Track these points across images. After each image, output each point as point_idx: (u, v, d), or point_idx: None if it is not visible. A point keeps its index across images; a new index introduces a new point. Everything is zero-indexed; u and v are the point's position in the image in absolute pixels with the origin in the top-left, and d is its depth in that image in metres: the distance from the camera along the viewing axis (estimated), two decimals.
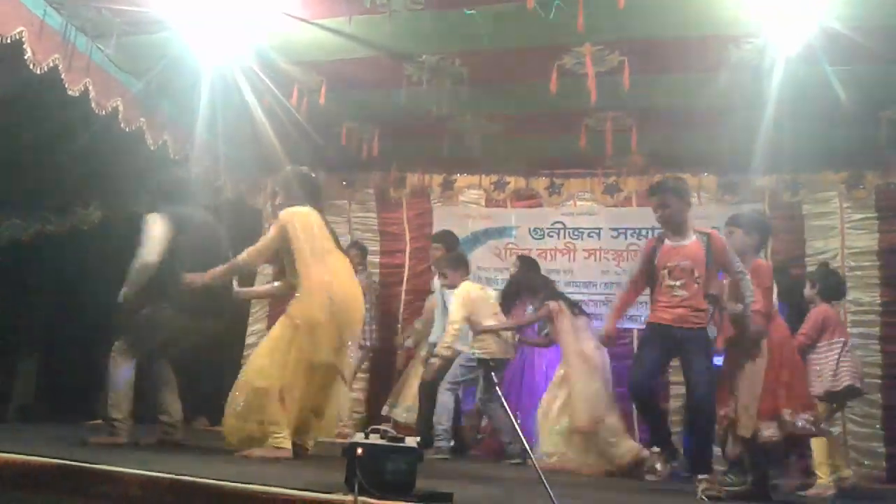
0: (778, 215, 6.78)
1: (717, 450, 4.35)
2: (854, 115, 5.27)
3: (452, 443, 5.69)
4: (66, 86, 4.87)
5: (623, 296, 4.45)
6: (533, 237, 7.25)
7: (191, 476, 2.59)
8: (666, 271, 4.11)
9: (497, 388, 3.49)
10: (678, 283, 4.06)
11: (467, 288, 5.74)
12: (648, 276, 4.25)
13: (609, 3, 4.19)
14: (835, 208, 6.64)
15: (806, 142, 5.85)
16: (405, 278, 7.56)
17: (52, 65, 4.73)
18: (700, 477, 3.83)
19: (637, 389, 4.10)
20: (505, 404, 4.24)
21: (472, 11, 4.63)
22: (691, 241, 4.16)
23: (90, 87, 5.07)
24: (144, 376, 4.52)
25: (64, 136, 5.52)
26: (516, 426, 3.32)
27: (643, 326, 4.80)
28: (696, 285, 4.04)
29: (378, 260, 7.67)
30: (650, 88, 5.40)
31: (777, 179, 6.78)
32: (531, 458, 2.78)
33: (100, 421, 6.22)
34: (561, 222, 7.30)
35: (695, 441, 4.06)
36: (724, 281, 4.29)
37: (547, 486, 2.44)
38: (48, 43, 4.70)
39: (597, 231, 7.26)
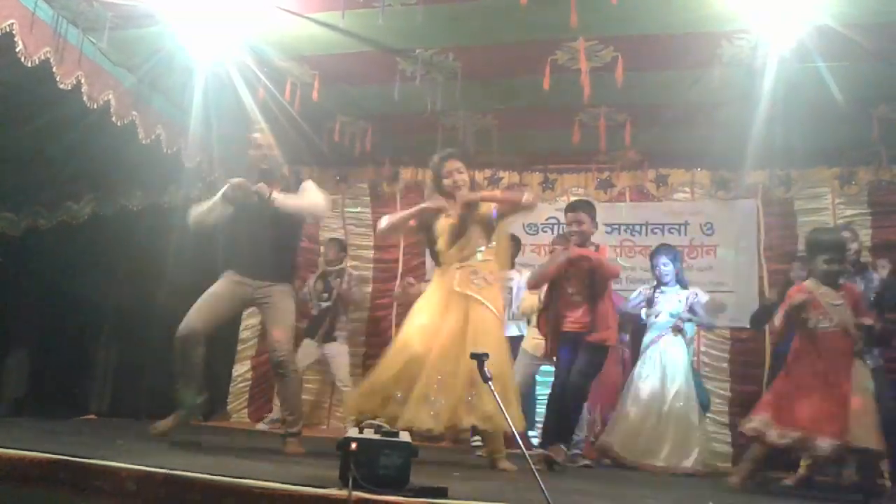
0: (771, 211, 6.82)
1: None
2: (846, 111, 5.29)
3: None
4: (58, 79, 4.85)
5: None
6: (527, 232, 7.25)
7: (185, 471, 2.59)
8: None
9: (490, 383, 3.47)
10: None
11: None
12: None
13: None
14: (827, 204, 6.68)
15: (798, 138, 5.87)
16: (399, 273, 7.55)
17: (43, 58, 4.71)
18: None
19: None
20: (497, 399, 4.24)
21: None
22: None
23: (82, 81, 5.05)
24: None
25: (55, 130, 5.49)
26: (510, 423, 3.32)
27: None
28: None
29: (371, 255, 7.67)
30: (643, 84, 5.41)
31: (770, 175, 6.81)
32: (524, 453, 2.78)
33: (92, 416, 6.24)
34: (555, 217, 7.29)
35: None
36: None
37: (539, 480, 2.45)
38: (39, 36, 4.68)
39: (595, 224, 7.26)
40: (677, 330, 5.65)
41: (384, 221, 4.47)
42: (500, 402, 3.08)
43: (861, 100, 5.35)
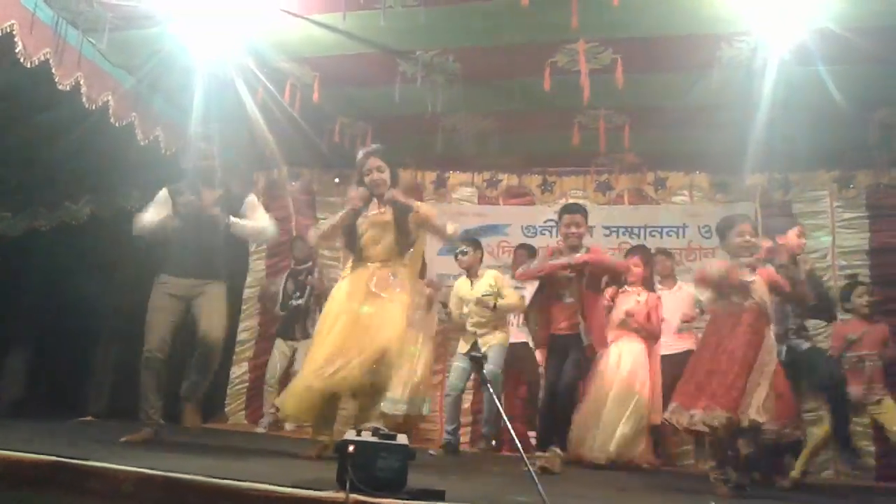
0: (769, 214, 6.81)
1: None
2: (845, 114, 5.29)
3: None
4: (57, 80, 4.85)
5: None
6: (525, 235, 7.24)
7: (183, 473, 2.58)
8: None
9: (489, 385, 3.49)
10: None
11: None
12: None
13: (603, 0, 4.20)
14: (826, 207, 6.69)
15: (797, 141, 5.88)
16: None
17: (43, 59, 4.70)
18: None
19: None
20: (496, 401, 4.27)
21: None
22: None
23: (81, 82, 5.04)
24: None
25: (54, 130, 5.49)
26: (507, 423, 3.33)
27: None
28: None
29: None
30: (643, 86, 5.40)
31: (769, 178, 6.81)
32: (522, 455, 2.78)
33: (90, 417, 6.23)
34: (553, 220, 7.28)
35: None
36: None
37: (537, 481, 2.45)
38: (39, 36, 4.67)
39: (589, 229, 7.25)
40: (642, 328, 5.69)
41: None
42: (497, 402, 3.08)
43: (860, 103, 5.35)
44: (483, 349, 5.62)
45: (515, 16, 4.59)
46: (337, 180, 7.61)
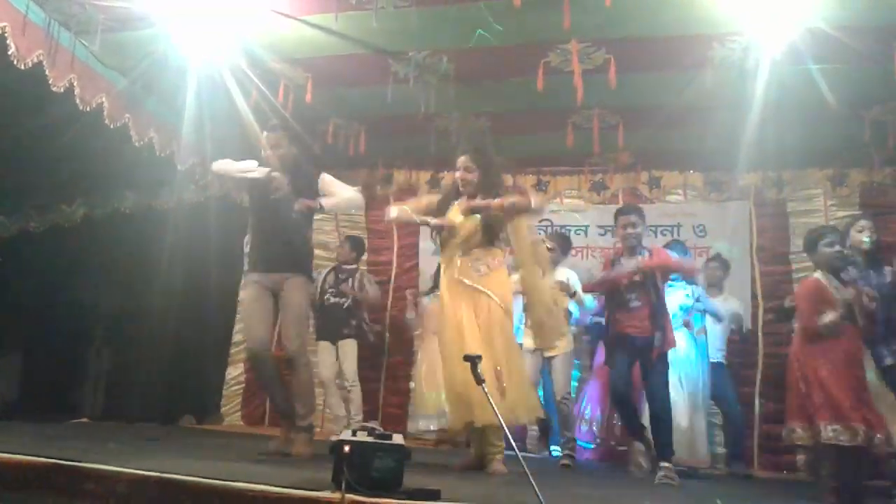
0: (763, 212, 6.84)
1: None
2: (838, 113, 5.31)
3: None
4: (51, 82, 4.84)
5: None
6: None
7: (178, 474, 2.58)
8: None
9: (483, 386, 3.48)
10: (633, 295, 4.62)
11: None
12: None
13: (596, 0, 4.21)
14: (819, 206, 6.70)
15: (791, 140, 5.90)
16: (393, 276, 7.56)
17: (35, 61, 4.69)
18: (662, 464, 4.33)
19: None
20: (492, 403, 4.25)
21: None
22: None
23: (75, 84, 5.03)
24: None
25: (48, 132, 5.48)
26: (502, 423, 3.34)
27: None
28: None
29: (365, 257, 7.65)
30: (636, 86, 5.42)
31: (762, 177, 6.83)
32: (517, 453, 2.78)
33: (85, 419, 6.23)
34: (548, 220, 7.30)
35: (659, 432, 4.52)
36: None
37: (532, 481, 2.45)
38: (32, 38, 4.66)
39: (583, 229, 7.29)
40: (687, 325, 5.58)
41: (394, 212, 4.50)
42: (489, 398, 3.08)
43: (853, 102, 5.38)
44: (547, 354, 5.34)
45: (508, 16, 4.59)
46: (323, 173, 7.58)
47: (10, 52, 4.48)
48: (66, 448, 3.33)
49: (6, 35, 4.43)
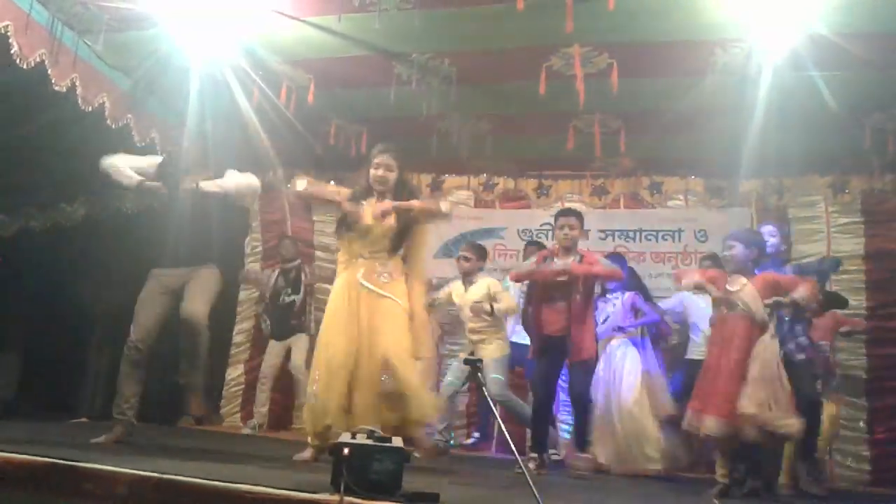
0: (764, 218, 6.82)
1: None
2: (840, 119, 5.32)
3: None
4: (53, 81, 4.85)
5: None
6: (521, 238, 7.25)
7: (177, 475, 2.58)
8: None
9: (484, 389, 3.49)
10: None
11: None
12: None
13: (598, 4, 4.21)
14: (821, 212, 6.69)
15: (792, 146, 5.90)
16: None
17: (38, 60, 4.70)
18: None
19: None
20: (493, 407, 4.27)
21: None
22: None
23: (77, 83, 5.04)
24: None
25: (50, 131, 5.48)
26: (502, 425, 3.34)
27: None
28: None
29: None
30: (638, 91, 5.43)
31: (764, 183, 6.82)
32: (518, 459, 2.78)
33: (84, 419, 6.21)
34: (549, 224, 7.28)
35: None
36: None
37: (532, 486, 2.45)
38: (35, 38, 4.67)
39: (585, 233, 7.26)
40: (620, 329, 5.69)
41: (301, 185, 4.45)
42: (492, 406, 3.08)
43: (854, 108, 5.38)
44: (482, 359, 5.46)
45: (511, 19, 4.60)
46: (332, 182, 7.60)
47: (12, 51, 4.49)
48: (65, 447, 3.32)
49: (9, 34, 4.44)
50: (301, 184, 4.45)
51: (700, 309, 5.68)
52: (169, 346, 4.56)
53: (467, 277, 5.79)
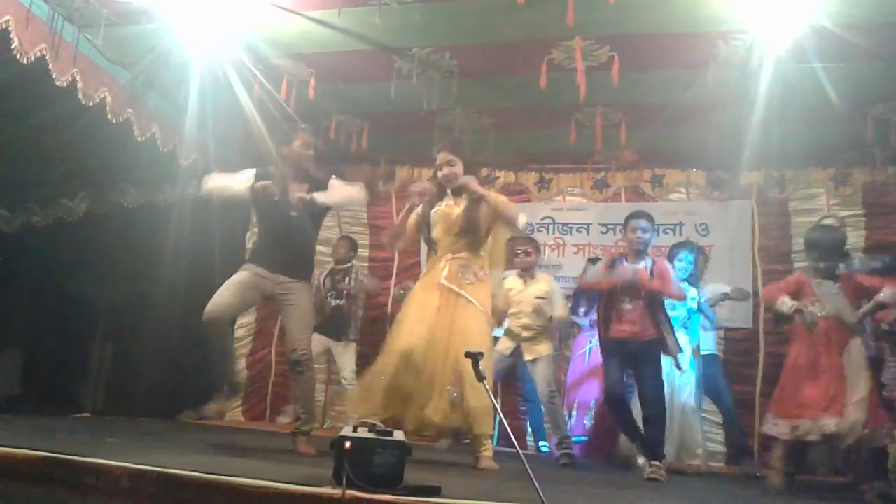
0: (765, 211, 6.82)
1: None
2: (842, 112, 5.30)
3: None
4: (54, 76, 4.85)
5: None
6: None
7: (179, 469, 2.58)
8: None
9: (484, 382, 3.49)
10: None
11: None
12: None
13: None
14: (822, 205, 6.68)
15: (793, 138, 5.90)
16: (394, 273, 7.55)
17: (38, 55, 4.70)
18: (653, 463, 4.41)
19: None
20: (493, 400, 4.26)
21: None
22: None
23: (77, 78, 5.04)
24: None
25: (51, 127, 5.48)
26: (503, 420, 3.35)
27: None
28: None
29: (367, 254, 7.66)
30: (639, 84, 5.42)
31: (765, 175, 6.81)
32: (518, 451, 2.78)
33: (87, 414, 6.23)
34: (550, 217, 7.31)
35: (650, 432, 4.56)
36: None
37: (533, 479, 2.45)
38: (35, 33, 4.67)
39: (586, 226, 7.28)
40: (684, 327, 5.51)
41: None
42: (493, 399, 3.08)
43: (856, 100, 5.37)
44: (527, 357, 5.36)
45: (511, 13, 4.59)
46: (333, 177, 7.59)
47: (13, 46, 4.49)
48: (68, 442, 3.33)
49: (9, 29, 4.44)
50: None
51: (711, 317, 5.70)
52: (174, 340, 4.55)
53: (526, 272, 5.58)
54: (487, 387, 3.12)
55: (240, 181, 4.32)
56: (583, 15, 4.46)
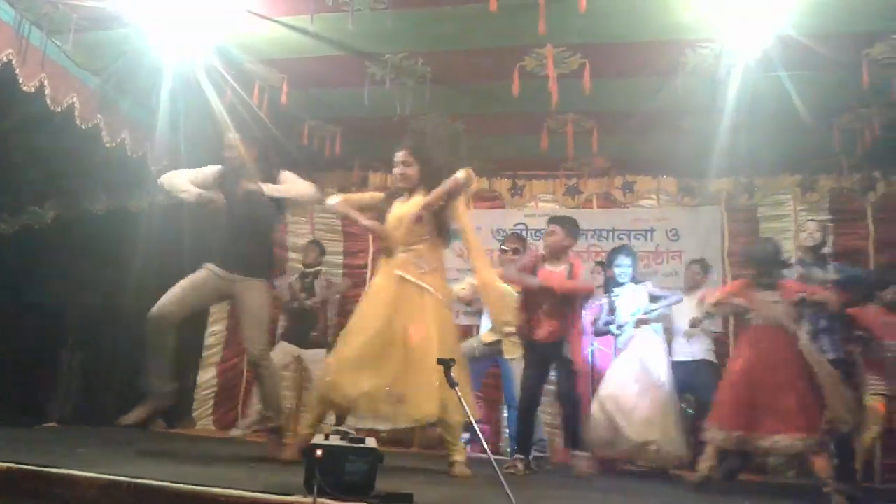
0: (735, 217, 6.92)
1: None
2: (808, 120, 5.38)
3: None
4: (21, 81, 4.78)
5: None
6: (495, 238, 7.27)
7: (149, 479, 2.56)
8: None
9: (456, 390, 3.50)
10: None
11: None
12: None
13: (571, 5, 4.24)
14: (789, 211, 6.81)
15: (762, 146, 5.99)
16: (368, 279, 7.53)
17: (5, 60, 4.64)
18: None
19: None
20: (464, 403, 4.26)
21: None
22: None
23: (46, 83, 4.98)
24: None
25: (18, 132, 5.40)
26: (476, 425, 3.35)
27: None
28: None
29: (341, 261, 7.64)
30: (610, 91, 5.46)
31: (734, 182, 6.92)
32: (490, 456, 2.79)
33: (54, 423, 6.14)
34: (523, 223, 7.35)
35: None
36: None
37: (506, 485, 2.46)
38: (1, 37, 4.61)
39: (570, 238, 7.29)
40: (643, 322, 5.63)
41: (333, 200, 4.42)
42: (460, 397, 3.09)
43: (823, 109, 5.46)
44: (507, 355, 5.46)
45: (484, 20, 4.61)
46: (283, 172, 7.55)
47: None
48: (35, 453, 3.28)
49: None
50: (333, 199, 4.43)
51: (682, 311, 5.73)
52: (144, 349, 4.49)
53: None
54: (459, 394, 3.12)
55: (198, 180, 4.38)
56: (554, 23, 4.49)
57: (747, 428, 4.18)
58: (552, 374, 5.14)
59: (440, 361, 3.14)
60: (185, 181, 4.38)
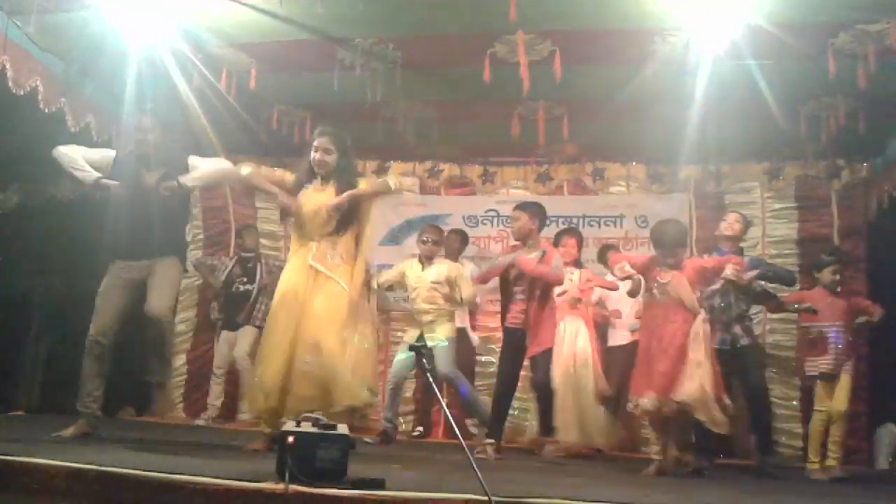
0: (703, 204, 6.99)
1: None
2: (775, 108, 5.45)
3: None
4: None
5: None
6: (467, 224, 7.28)
7: (118, 467, 2.54)
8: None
9: (429, 375, 3.50)
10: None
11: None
12: None
13: None
14: (756, 198, 6.90)
15: (729, 134, 6.05)
16: None
17: None
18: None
19: None
20: (438, 393, 4.28)
21: None
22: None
23: (7, 66, 4.86)
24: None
25: None
26: (447, 411, 3.36)
27: None
28: None
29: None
30: (580, 78, 5.47)
31: (702, 170, 6.99)
32: (461, 442, 2.80)
33: (20, 412, 6.06)
34: (494, 210, 7.36)
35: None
36: None
37: (477, 470, 2.48)
38: None
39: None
40: (576, 301, 5.70)
41: (246, 170, 4.39)
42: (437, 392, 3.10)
43: (789, 97, 5.52)
44: (430, 344, 5.46)
45: (455, 5, 4.60)
46: (277, 169, 7.50)
47: None
48: (1, 442, 3.24)
49: None
50: (245, 169, 4.39)
51: (620, 296, 5.77)
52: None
53: (427, 258, 5.81)
54: (434, 375, 3.13)
55: (93, 160, 4.33)
56: (524, 9, 4.49)
57: (661, 391, 4.29)
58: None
59: (412, 348, 3.15)
60: (81, 159, 4.30)
